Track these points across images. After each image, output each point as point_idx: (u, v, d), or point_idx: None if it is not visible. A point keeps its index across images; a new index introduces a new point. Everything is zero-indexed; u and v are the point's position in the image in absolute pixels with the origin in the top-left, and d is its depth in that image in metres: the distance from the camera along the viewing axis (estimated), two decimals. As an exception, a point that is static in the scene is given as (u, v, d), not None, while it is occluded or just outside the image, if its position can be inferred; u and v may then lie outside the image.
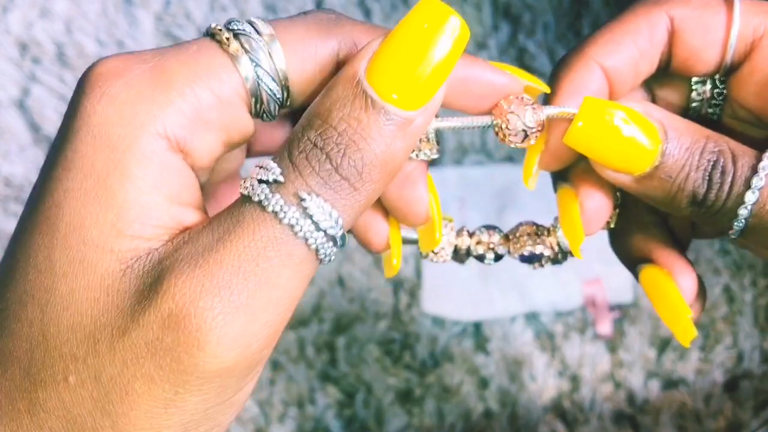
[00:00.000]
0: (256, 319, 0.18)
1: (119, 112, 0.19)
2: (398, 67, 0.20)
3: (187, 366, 0.18)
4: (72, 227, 0.18)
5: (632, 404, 0.53)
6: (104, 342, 0.18)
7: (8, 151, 0.62)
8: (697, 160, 0.23)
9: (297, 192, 0.19)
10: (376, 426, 0.55)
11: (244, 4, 0.63)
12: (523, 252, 0.28)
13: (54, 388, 0.18)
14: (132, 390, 0.18)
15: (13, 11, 0.64)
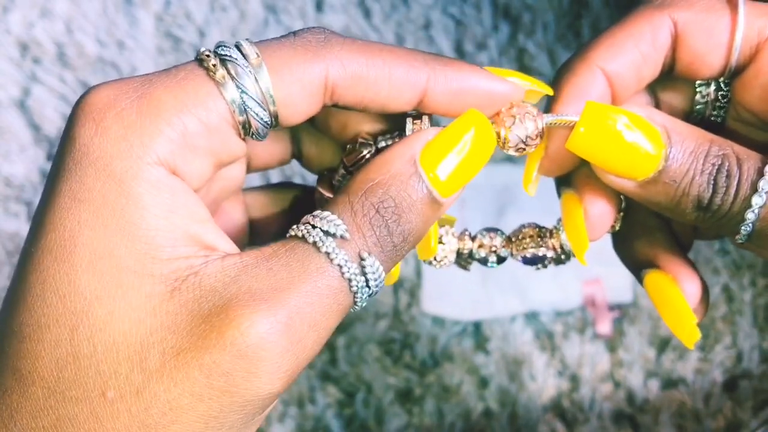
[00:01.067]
0: (304, 355, 0.20)
1: (115, 145, 0.20)
2: (444, 160, 0.22)
3: (240, 390, 0.19)
4: (98, 255, 0.19)
5: (632, 404, 0.53)
6: (153, 360, 0.19)
7: (8, 151, 0.62)
8: (701, 164, 0.23)
9: (360, 252, 0.21)
10: (376, 425, 0.55)
11: (244, 4, 0.63)
12: (525, 254, 0.28)
13: (87, 404, 0.19)
14: (178, 406, 0.19)
15: (13, 11, 0.64)
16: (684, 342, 0.25)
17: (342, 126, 0.25)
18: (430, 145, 0.22)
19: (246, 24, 0.63)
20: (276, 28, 0.63)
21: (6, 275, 0.60)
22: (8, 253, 0.60)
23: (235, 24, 0.63)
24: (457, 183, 0.23)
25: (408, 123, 0.24)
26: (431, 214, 0.23)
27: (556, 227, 0.27)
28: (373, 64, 0.22)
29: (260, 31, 0.63)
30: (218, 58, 0.21)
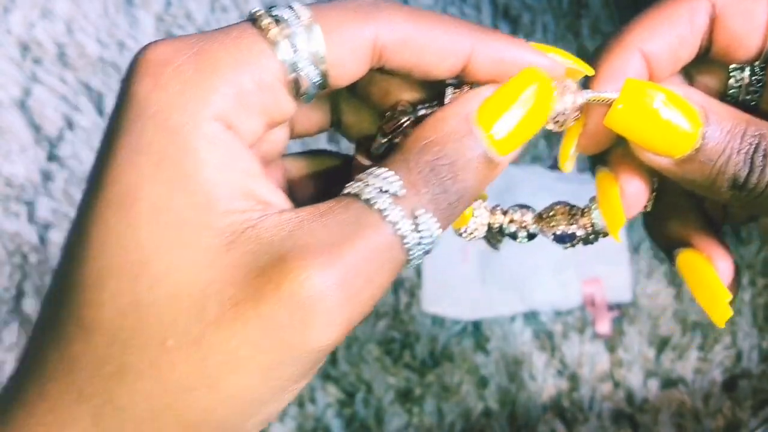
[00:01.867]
0: (359, 310, 0.21)
1: (174, 100, 0.20)
2: (501, 118, 0.22)
3: (297, 341, 0.20)
4: (158, 208, 0.20)
5: (631, 403, 0.54)
6: (212, 311, 0.20)
7: (9, 151, 0.62)
8: (738, 143, 0.23)
9: (413, 209, 0.21)
10: (376, 425, 0.55)
11: (244, 5, 0.63)
12: (556, 231, 0.27)
13: (148, 352, 0.20)
14: (236, 357, 0.20)
15: (14, 12, 0.64)
16: (715, 320, 0.25)
17: (383, 93, 0.25)
18: (487, 102, 0.23)
19: (246, 24, 0.63)
20: (276, 29, 0.63)
21: (6, 275, 0.60)
22: (9, 253, 0.60)
23: (236, 24, 0.63)
24: (514, 142, 0.23)
25: (448, 91, 0.24)
26: (487, 173, 0.23)
27: (588, 206, 0.27)
28: (421, 29, 0.22)
29: (260, 32, 0.63)
30: (271, 18, 0.21)
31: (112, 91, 0.62)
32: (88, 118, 0.62)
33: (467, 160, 0.22)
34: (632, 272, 0.54)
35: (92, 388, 0.20)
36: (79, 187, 0.61)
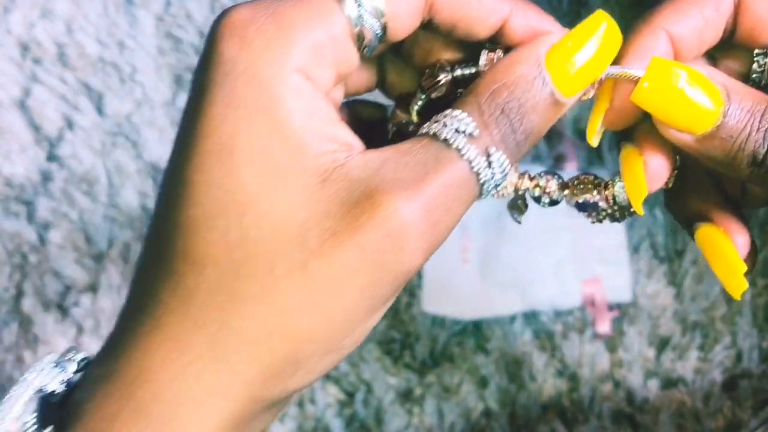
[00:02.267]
0: (438, 237, 0.23)
1: (260, 56, 0.22)
2: (569, 62, 0.24)
3: (389, 265, 0.22)
4: (256, 154, 0.22)
5: (631, 403, 0.54)
6: (313, 241, 0.22)
7: (9, 151, 0.62)
8: (758, 122, 0.24)
9: (487, 147, 0.24)
10: (376, 425, 0.55)
11: (244, 5, 0.63)
12: (578, 199, 0.29)
13: (257, 280, 0.22)
14: (337, 280, 0.22)
15: (14, 12, 0.64)
16: (732, 292, 0.27)
17: (425, 53, 0.27)
18: (556, 46, 0.25)
19: (246, 24, 0.63)
20: (276, 29, 0.63)
21: (6, 275, 0.60)
22: (8, 252, 0.60)
23: (236, 24, 0.63)
24: (580, 83, 0.25)
25: (483, 53, 0.26)
26: (553, 114, 0.25)
27: (612, 180, 0.29)
28: None
29: (260, 32, 0.63)
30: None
31: (112, 90, 0.62)
32: (87, 118, 0.62)
33: (535, 102, 0.24)
34: (632, 272, 0.54)
35: (206, 317, 0.22)
36: (79, 187, 0.61)
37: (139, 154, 0.61)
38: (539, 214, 0.54)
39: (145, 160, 0.61)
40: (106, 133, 0.62)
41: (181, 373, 0.22)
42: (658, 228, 0.56)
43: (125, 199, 0.61)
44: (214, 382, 0.22)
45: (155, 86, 0.62)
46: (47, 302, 0.59)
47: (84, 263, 0.60)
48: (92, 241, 0.60)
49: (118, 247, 0.60)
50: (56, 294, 0.59)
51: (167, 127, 0.62)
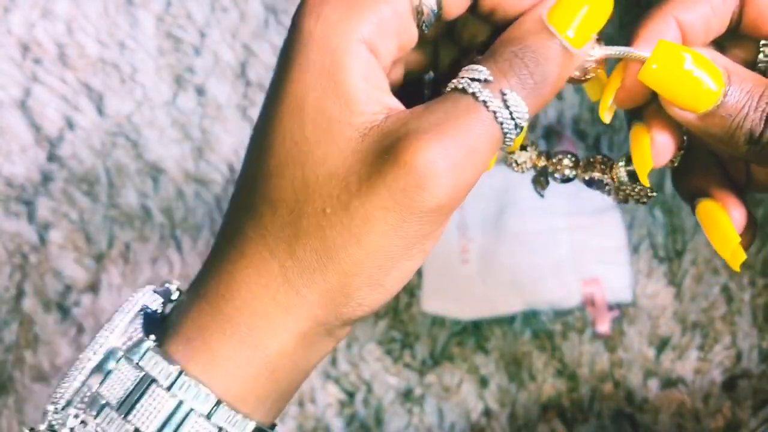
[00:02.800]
0: (463, 176, 0.26)
1: (332, 28, 0.26)
2: (570, 15, 0.27)
3: (415, 201, 0.25)
4: (318, 110, 0.26)
5: (631, 403, 0.54)
6: (353, 184, 0.26)
7: (9, 151, 0.62)
8: (756, 102, 0.26)
9: (502, 89, 0.26)
10: (376, 425, 0.55)
11: (244, 5, 0.63)
12: (585, 177, 0.32)
13: (314, 218, 0.27)
14: (372, 217, 0.26)
15: (14, 12, 0.64)
16: (730, 263, 0.29)
17: (472, 37, 0.31)
18: (557, 6, 0.27)
19: (246, 24, 0.63)
20: (276, 29, 0.63)
21: (6, 275, 0.60)
22: (9, 252, 0.60)
23: (236, 24, 0.63)
24: (585, 34, 0.27)
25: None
26: (565, 62, 0.27)
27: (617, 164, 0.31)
28: None
29: (260, 32, 0.63)
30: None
31: (112, 90, 0.62)
32: (88, 118, 0.62)
33: (547, 48, 0.26)
34: (632, 272, 0.54)
35: (278, 248, 0.27)
36: (79, 187, 0.61)
37: (139, 154, 0.61)
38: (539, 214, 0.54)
39: (145, 160, 0.61)
40: (106, 133, 0.62)
41: (259, 293, 0.27)
42: (657, 228, 0.56)
43: (125, 198, 0.61)
44: (285, 302, 0.27)
45: (155, 86, 0.62)
46: (48, 302, 0.59)
47: (84, 263, 0.60)
48: (92, 241, 0.60)
49: (119, 247, 0.60)
50: (57, 294, 0.59)
51: (167, 126, 0.62)
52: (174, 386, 0.26)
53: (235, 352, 0.27)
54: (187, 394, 0.26)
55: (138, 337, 0.27)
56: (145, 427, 0.26)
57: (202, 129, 0.61)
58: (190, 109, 0.62)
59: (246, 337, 0.27)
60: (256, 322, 0.27)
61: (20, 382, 0.58)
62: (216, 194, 0.61)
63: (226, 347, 0.27)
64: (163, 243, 0.60)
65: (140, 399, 0.26)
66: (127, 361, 0.27)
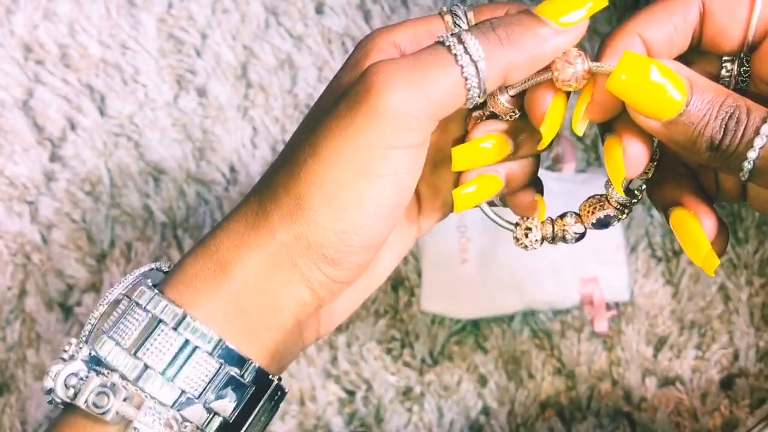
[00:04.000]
0: (412, 92, 0.28)
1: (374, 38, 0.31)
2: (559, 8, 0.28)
3: (362, 103, 0.28)
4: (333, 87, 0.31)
5: (629, 402, 0.54)
6: (327, 110, 0.29)
7: (12, 152, 0.62)
8: (716, 111, 0.27)
9: (461, 34, 0.28)
10: (376, 423, 0.55)
11: (245, 6, 0.64)
12: (593, 220, 0.33)
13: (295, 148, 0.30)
14: (328, 126, 0.28)
15: (16, 13, 0.64)
16: (705, 269, 0.30)
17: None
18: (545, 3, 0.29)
19: (247, 26, 0.63)
20: (277, 30, 0.63)
21: (9, 274, 0.60)
22: (11, 252, 0.61)
23: (237, 26, 0.63)
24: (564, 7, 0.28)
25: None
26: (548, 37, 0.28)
27: (607, 191, 0.32)
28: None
29: (261, 33, 0.63)
30: (450, 13, 0.31)
31: (114, 91, 0.63)
32: (90, 119, 0.62)
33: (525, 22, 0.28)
34: (630, 271, 0.55)
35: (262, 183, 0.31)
36: (81, 188, 0.61)
37: (141, 155, 0.62)
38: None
39: (147, 161, 0.62)
40: (108, 134, 0.62)
41: (236, 218, 0.30)
42: (655, 228, 0.56)
43: (127, 199, 0.61)
44: (253, 221, 0.30)
45: (157, 87, 0.63)
46: (50, 301, 0.60)
47: (86, 263, 0.60)
48: (94, 241, 0.60)
49: (120, 247, 0.60)
50: (59, 293, 0.60)
51: (169, 127, 0.62)
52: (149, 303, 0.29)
53: (202, 270, 0.30)
54: (157, 309, 0.29)
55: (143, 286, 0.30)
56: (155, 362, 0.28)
57: (203, 130, 0.62)
58: (191, 109, 0.62)
59: (213, 254, 0.30)
60: (223, 241, 0.30)
61: (22, 381, 0.58)
62: (217, 194, 0.61)
63: (195, 266, 0.30)
64: (165, 243, 0.60)
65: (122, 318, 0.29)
66: (125, 299, 0.29)
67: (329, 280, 0.30)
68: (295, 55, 0.62)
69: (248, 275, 0.29)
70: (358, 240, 0.29)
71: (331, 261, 0.29)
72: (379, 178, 0.28)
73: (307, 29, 0.63)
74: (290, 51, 0.63)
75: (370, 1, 0.63)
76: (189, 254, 0.31)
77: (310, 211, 0.28)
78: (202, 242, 0.31)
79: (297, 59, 0.62)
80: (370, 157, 0.28)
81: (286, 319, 0.30)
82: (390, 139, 0.28)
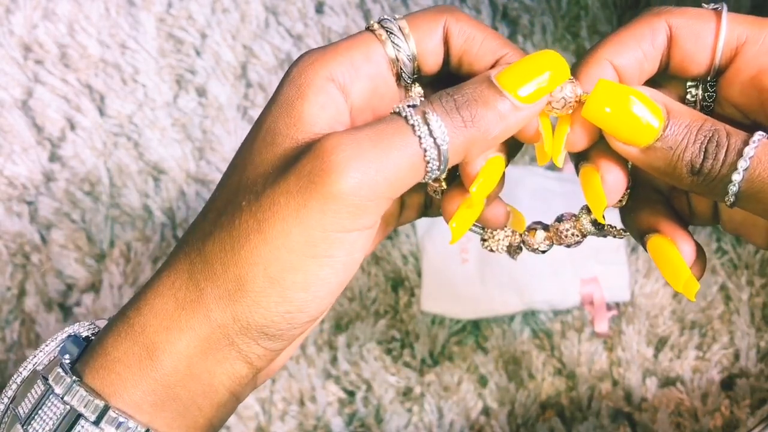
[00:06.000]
0: (370, 174, 0.26)
1: (305, 69, 0.29)
2: (520, 80, 0.28)
3: (317, 184, 0.26)
4: (270, 128, 0.28)
5: (630, 402, 0.54)
6: (272, 176, 0.27)
7: (11, 152, 0.62)
8: (694, 135, 0.27)
9: (425, 111, 0.27)
10: (376, 424, 0.55)
11: (245, 6, 0.64)
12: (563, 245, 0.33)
13: (232, 212, 0.27)
14: (276, 202, 0.26)
15: (16, 13, 0.64)
16: (685, 294, 0.29)
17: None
18: (509, 69, 0.28)
19: (247, 25, 0.63)
20: (277, 30, 0.63)
21: (8, 274, 0.60)
22: (11, 252, 0.61)
23: (237, 25, 0.63)
24: (533, 96, 0.28)
25: None
26: (509, 115, 0.27)
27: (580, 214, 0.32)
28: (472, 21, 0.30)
29: (261, 33, 0.63)
30: (381, 27, 0.30)
31: (114, 91, 0.63)
32: (89, 119, 0.62)
33: (485, 97, 0.27)
34: (630, 272, 0.55)
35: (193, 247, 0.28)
36: (81, 188, 0.61)
37: (141, 155, 0.62)
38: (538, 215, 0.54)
39: (146, 161, 0.61)
40: (107, 134, 0.62)
41: (163, 293, 0.28)
42: (656, 228, 0.56)
43: (127, 199, 0.61)
44: (183, 297, 0.27)
45: (156, 87, 0.63)
46: (49, 301, 0.60)
47: (86, 263, 0.60)
48: (94, 241, 0.60)
49: (120, 247, 0.60)
50: (58, 293, 0.60)
51: (168, 127, 0.62)
52: (67, 394, 0.26)
53: (126, 354, 0.27)
54: (76, 400, 0.26)
55: (56, 358, 0.28)
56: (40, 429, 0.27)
57: (202, 129, 0.62)
58: (191, 109, 0.62)
59: (139, 336, 0.27)
60: (150, 320, 0.27)
61: (22, 381, 0.58)
62: (217, 194, 0.61)
63: (118, 349, 0.27)
64: (164, 243, 0.60)
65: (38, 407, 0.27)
66: (42, 381, 0.27)
67: (268, 351, 0.28)
68: (295, 54, 0.62)
69: (179, 360, 0.27)
70: (302, 317, 0.27)
71: (271, 337, 0.28)
72: (331, 259, 0.27)
73: (307, 29, 0.63)
74: (290, 51, 0.63)
75: (370, 1, 0.63)
76: (109, 330, 0.28)
77: (252, 293, 0.26)
78: (123, 316, 0.28)
79: (297, 59, 0.62)
80: (321, 239, 0.26)
81: (220, 396, 0.28)
82: (346, 223, 0.26)
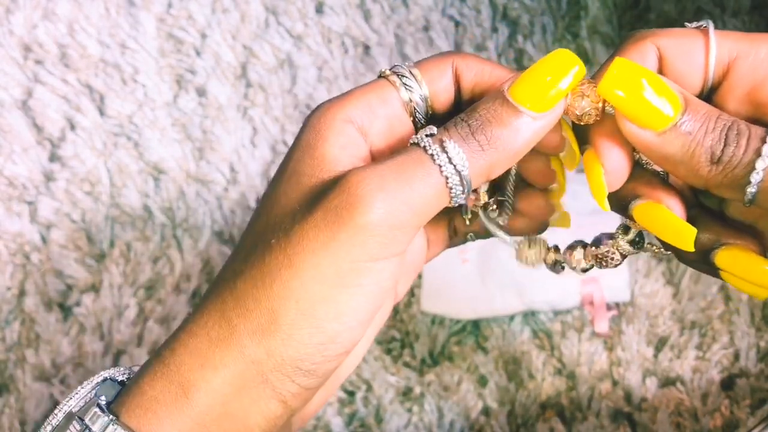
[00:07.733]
0: (395, 205, 0.27)
1: (324, 113, 0.30)
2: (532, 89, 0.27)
3: (345, 218, 0.26)
4: (293, 172, 0.29)
5: (630, 402, 0.54)
6: (299, 213, 0.28)
7: (11, 152, 0.62)
8: (713, 123, 0.26)
9: (442, 139, 0.27)
10: (376, 424, 0.55)
11: (245, 6, 0.64)
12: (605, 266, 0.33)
13: (261, 251, 0.28)
14: (306, 236, 0.27)
15: (16, 13, 0.64)
16: (686, 247, 0.28)
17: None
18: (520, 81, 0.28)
19: (247, 25, 0.63)
20: (277, 30, 0.63)
21: (8, 274, 0.60)
22: (11, 252, 0.61)
23: (237, 25, 0.63)
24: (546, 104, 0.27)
25: None
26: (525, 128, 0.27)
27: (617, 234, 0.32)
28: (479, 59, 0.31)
29: (261, 33, 0.63)
30: (394, 74, 0.31)
31: (114, 91, 0.63)
32: (89, 119, 0.62)
33: (499, 115, 0.27)
34: (630, 272, 0.55)
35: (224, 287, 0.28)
36: (81, 188, 0.61)
37: (141, 155, 0.62)
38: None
39: (146, 161, 0.61)
40: (107, 134, 0.62)
41: (196, 332, 0.28)
42: (656, 228, 0.56)
43: (127, 199, 0.61)
44: (216, 335, 0.27)
45: (157, 87, 0.63)
46: (49, 301, 0.60)
47: (86, 263, 0.60)
48: (94, 241, 0.60)
49: (120, 247, 0.60)
50: (58, 293, 0.60)
51: (168, 127, 0.62)
52: None
53: (162, 393, 0.27)
54: None
55: (92, 399, 0.28)
56: None
57: (203, 129, 0.62)
58: (191, 109, 0.62)
59: (174, 374, 0.27)
60: (185, 359, 0.27)
61: (21, 381, 0.58)
62: (217, 194, 0.61)
63: (155, 388, 0.27)
64: (164, 243, 0.60)
65: None
66: (78, 422, 0.27)
67: (302, 390, 0.28)
68: (294, 54, 0.62)
69: (214, 398, 0.27)
70: (335, 348, 0.28)
71: (306, 372, 0.28)
72: (361, 288, 0.27)
73: (307, 29, 0.63)
74: (290, 51, 0.63)
75: (370, 1, 0.63)
76: (146, 371, 0.28)
77: (285, 326, 0.27)
78: (159, 357, 0.28)
79: (297, 59, 0.62)
80: (351, 270, 0.27)
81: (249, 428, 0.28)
82: (375, 253, 0.27)
